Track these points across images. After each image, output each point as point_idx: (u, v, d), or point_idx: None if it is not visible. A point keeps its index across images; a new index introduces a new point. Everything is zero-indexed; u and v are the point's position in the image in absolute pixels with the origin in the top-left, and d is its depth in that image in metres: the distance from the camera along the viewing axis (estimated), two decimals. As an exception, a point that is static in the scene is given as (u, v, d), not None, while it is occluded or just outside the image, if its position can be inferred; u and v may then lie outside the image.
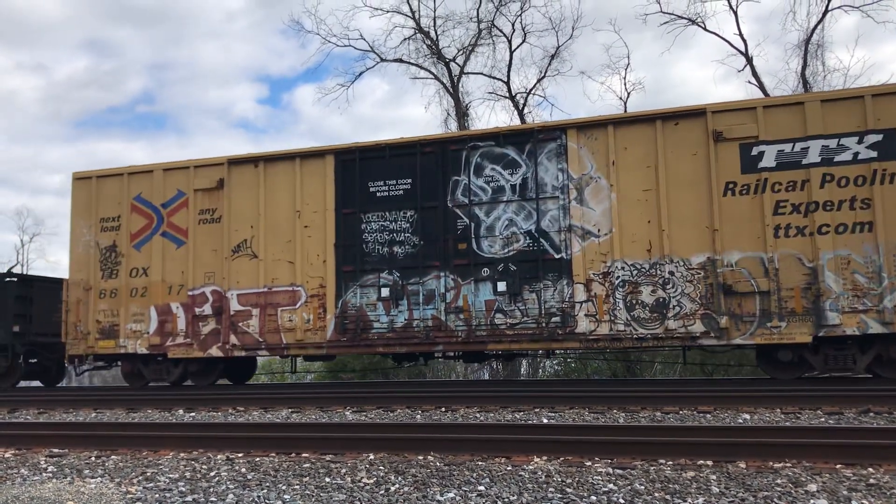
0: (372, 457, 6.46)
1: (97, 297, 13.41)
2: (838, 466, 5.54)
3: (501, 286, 11.34)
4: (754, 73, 21.66)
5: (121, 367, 13.69)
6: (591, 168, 11.22)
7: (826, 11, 20.78)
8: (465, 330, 11.44)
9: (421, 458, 6.34)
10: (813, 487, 5.04)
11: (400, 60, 24.03)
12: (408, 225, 11.94)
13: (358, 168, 12.23)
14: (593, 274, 11.03)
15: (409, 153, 12.07)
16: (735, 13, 21.61)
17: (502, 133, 11.64)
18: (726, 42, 22.25)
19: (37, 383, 16.15)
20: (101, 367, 14.62)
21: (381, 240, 12.04)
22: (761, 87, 21.41)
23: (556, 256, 11.19)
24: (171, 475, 6.16)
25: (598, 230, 11.09)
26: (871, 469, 5.50)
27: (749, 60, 21.73)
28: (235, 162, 12.97)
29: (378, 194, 12.14)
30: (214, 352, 12.65)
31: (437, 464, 6.10)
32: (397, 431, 7.23)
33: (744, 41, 21.80)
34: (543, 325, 11.11)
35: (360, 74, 25.54)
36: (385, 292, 11.90)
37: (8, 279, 14.61)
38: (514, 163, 11.55)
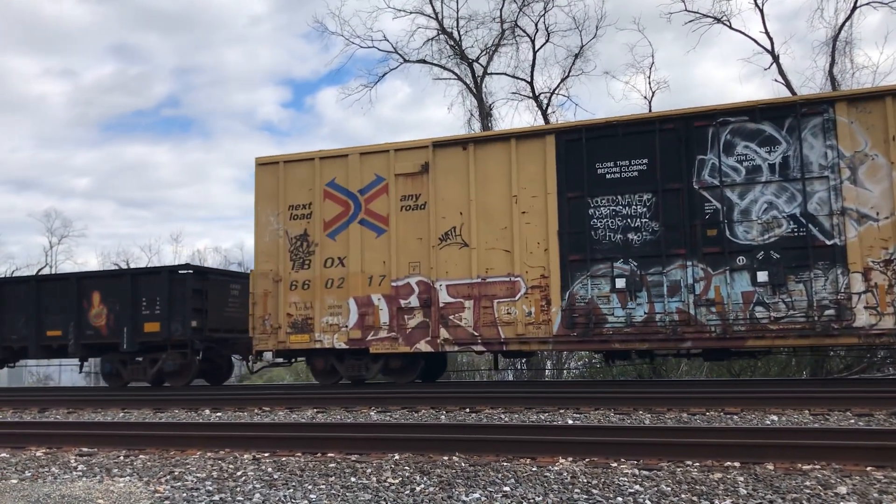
0: (397, 457, 6.45)
1: (287, 288, 12.64)
2: (869, 469, 5.39)
3: (762, 276, 10.25)
4: (781, 72, 20.86)
5: (312, 363, 12.88)
6: (865, 144, 10.08)
7: (854, 7, 19.90)
8: (720, 325, 10.37)
9: (446, 458, 6.32)
10: (843, 490, 4.93)
11: (423, 61, 23.70)
12: (644, 209, 10.92)
13: (584, 148, 11.27)
14: (872, 262, 9.89)
15: (645, 131, 11.06)
16: (761, 11, 21.02)
17: (758, 107, 10.55)
18: (752, 40, 21.58)
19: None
20: (279, 364, 13.89)
21: (612, 226, 11.05)
22: (788, 85, 20.55)
23: (828, 243, 10.06)
24: (198, 474, 6.20)
25: (877, 213, 9.94)
26: (903, 471, 5.28)
27: (776, 58, 20.92)
28: (441, 144, 12.10)
29: (608, 176, 11.16)
30: (423, 346, 11.78)
31: (462, 464, 6.09)
32: (422, 432, 7.20)
33: (770, 39, 21.08)
34: (815, 318, 9.98)
35: (384, 75, 25.46)
36: (620, 283, 10.90)
37: (184, 272, 13.94)
38: (772, 139, 10.46)
